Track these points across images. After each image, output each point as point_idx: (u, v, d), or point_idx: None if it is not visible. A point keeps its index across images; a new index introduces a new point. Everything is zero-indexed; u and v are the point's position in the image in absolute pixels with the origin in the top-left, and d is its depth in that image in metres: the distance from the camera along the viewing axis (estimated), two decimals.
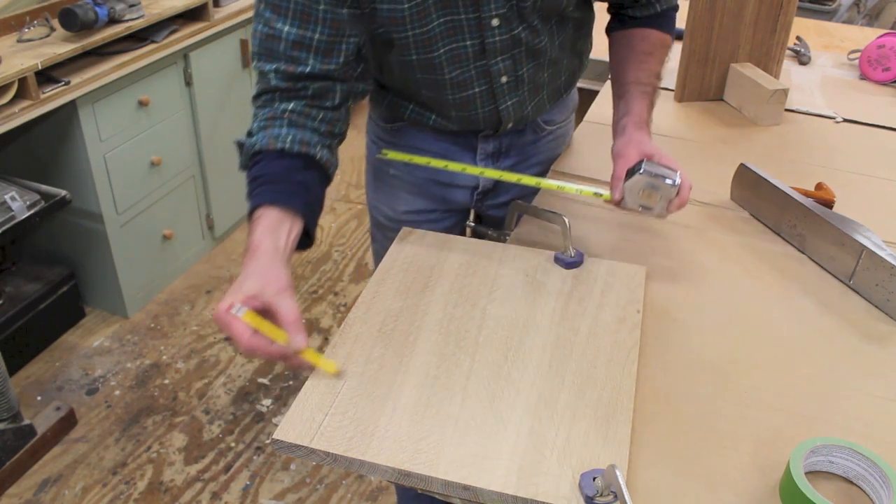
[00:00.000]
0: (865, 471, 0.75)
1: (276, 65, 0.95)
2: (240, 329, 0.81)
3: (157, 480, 1.91)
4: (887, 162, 1.40)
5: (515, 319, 0.94)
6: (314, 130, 0.97)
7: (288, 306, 0.84)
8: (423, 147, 1.21)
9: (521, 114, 1.16)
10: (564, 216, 1.04)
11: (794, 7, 1.55)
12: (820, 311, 1.01)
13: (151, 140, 2.33)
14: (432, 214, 1.30)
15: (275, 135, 0.94)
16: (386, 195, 1.32)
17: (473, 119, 1.15)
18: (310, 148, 0.95)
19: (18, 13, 2.05)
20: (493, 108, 1.13)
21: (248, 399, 2.16)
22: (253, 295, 0.84)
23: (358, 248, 2.83)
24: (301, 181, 0.93)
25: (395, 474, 0.75)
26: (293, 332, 0.82)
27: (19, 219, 1.76)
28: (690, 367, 0.90)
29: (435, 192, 1.28)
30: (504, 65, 1.08)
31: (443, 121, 1.16)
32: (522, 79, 1.11)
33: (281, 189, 0.92)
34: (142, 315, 2.47)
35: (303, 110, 0.96)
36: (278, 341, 0.82)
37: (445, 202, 1.29)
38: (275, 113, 0.96)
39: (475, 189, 1.28)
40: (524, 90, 1.13)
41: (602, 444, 0.77)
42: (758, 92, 1.51)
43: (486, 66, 1.07)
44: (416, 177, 1.26)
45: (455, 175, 1.23)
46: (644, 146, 1.03)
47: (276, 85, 0.96)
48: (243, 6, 2.55)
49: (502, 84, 1.10)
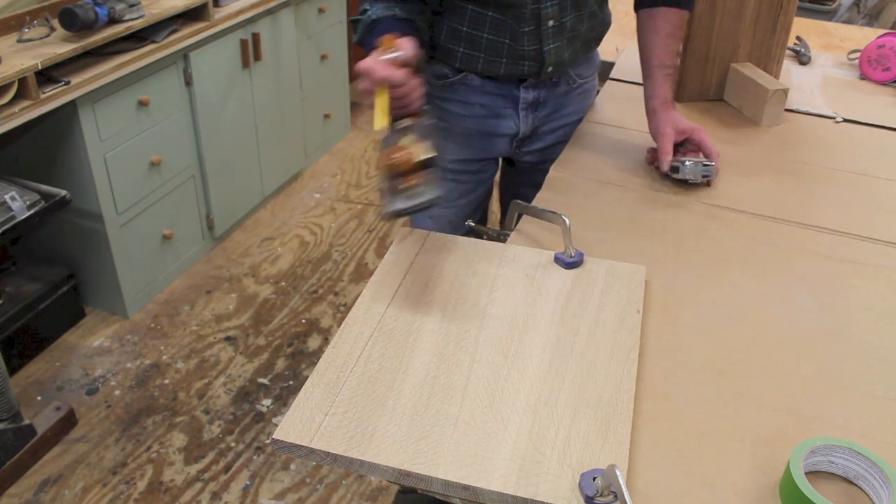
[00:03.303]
0: (865, 471, 0.75)
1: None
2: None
3: (157, 480, 1.91)
4: (887, 162, 1.40)
5: (515, 319, 0.94)
6: (413, 9, 1.20)
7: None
8: (471, 100, 1.38)
9: (560, 58, 1.32)
10: (564, 216, 1.04)
11: (794, 7, 1.55)
12: (820, 311, 1.01)
13: (151, 140, 2.33)
14: (475, 164, 1.47)
15: (385, 6, 1.18)
16: None
17: (520, 57, 1.30)
18: (413, 17, 1.19)
19: (18, 13, 2.05)
20: (538, 49, 1.29)
21: (248, 399, 2.16)
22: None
23: (358, 248, 2.83)
24: (412, 33, 1.13)
25: (395, 474, 0.75)
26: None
27: (19, 219, 1.76)
28: (690, 367, 0.90)
29: (479, 141, 1.43)
30: (552, 10, 1.25)
31: (493, 61, 1.31)
32: (565, 25, 1.28)
33: (401, 29, 1.12)
34: (142, 315, 2.47)
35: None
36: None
37: (488, 151, 1.46)
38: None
39: (515, 136, 1.43)
40: (565, 37, 1.29)
41: (602, 444, 0.77)
42: (758, 92, 1.51)
43: (538, 9, 1.24)
44: (464, 128, 1.41)
45: (499, 124, 1.41)
46: (678, 122, 1.30)
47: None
48: (243, 6, 2.55)
49: (549, 27, 1.26)
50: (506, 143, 1.45)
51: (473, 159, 1.46)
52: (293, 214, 3.03)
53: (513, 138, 1.44)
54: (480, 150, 1.45)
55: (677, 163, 1.26)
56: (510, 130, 1.42)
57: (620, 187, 1.28)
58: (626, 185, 1.29)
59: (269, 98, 2.87)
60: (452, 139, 1.42)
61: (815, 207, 1.24)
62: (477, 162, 1.47)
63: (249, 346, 2.36)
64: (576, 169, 1.33)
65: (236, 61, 2.64)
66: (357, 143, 3.53)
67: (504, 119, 1.40)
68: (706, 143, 1.29)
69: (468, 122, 1.40)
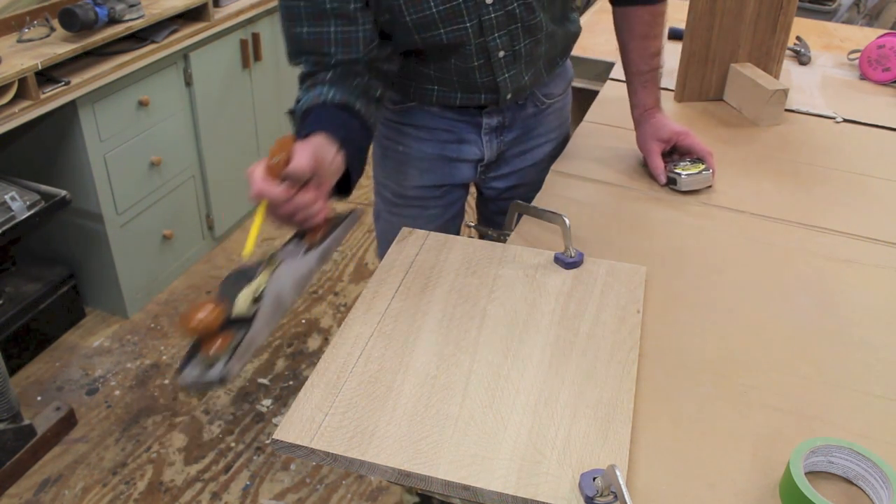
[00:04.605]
0: (865, 471, 0.75)
1: (304, 57, 1.05)
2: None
3: (157, 480, 1.91)
4: (887, 162, 1.40)
5: (515, 320, 0.94)
6: (353, 89, 1.03)
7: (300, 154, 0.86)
8: (430, 125, 1.29)
9: (519, 84, 1.22)
10: (564, 216, 1.04)
11: (794, 7, 1.55)
12: (820, 311, 1.01)
13: (151, 140, 2.33)
14: (438, 190, 1.37)
15: (317, 93, 1.01)
16: (394, 172, 1.37)
17: (474, 90, 1.21)
18: (349, 99, 1.01)
19: (18, 13, 2.05)
20: (492, 80, 1.19)
21: (248, 399, 2.16)
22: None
23: (358, 248, 2.83)
24: (343, 123, 0.99)
25: (395, 474, 0.75)
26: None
27: (19, 219, 1.76)
28: (690, 367, 0.90)
29: (442, 167, 1.34)
30: (501, 41, 1.14)
31: (446, 93, 1.22)
32: (520, 53, 1.17)
33: (326, 125, 0.95)
34: (142, 315, 2.47)
35: (338, 79, 1.03)
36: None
37: (451, 176, 1.36)
38: (315, 81, 1.03)
39: (479, 162, 1.34)
40: (521, 63, 1.19)
41: (602, 444, 0.77)
42: (758, 92, 1.51)
43: (484, 43, 1.13)
44: (424, 153, 1.32)
45: (461, 149, 1.32)
46: (660, 132, 1.27)
47: (310, 70, 1.05)
48: (243, 6, 2.55)
49: (500, 58, 1.16)
50: (470, 169, 1.35)
51: (435, 185, 1.36)
52: None
53: (477, 164, 1.35)
54: (443, 175, 1.35)
55: (674, 175, 1.25)
56: (474, 156, 1.33)
57: (620, 187, 1.28)
58: (626, 185, 1.29)
59: (269, 98, 2.87)
60: (412, 164, 1.34)
61: (814, 207, 1.24)
62: (439, 188, 1.37)
63: None
64: (576, 169, 1.33)
65: (236, 61, 2.64)
66: None
67: (467, 144, 1.31)
68: (696, 146, 1.26)
69: (428, 147, 1.31)
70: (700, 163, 1.26)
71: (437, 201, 1.38)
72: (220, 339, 0.76)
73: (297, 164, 0.85)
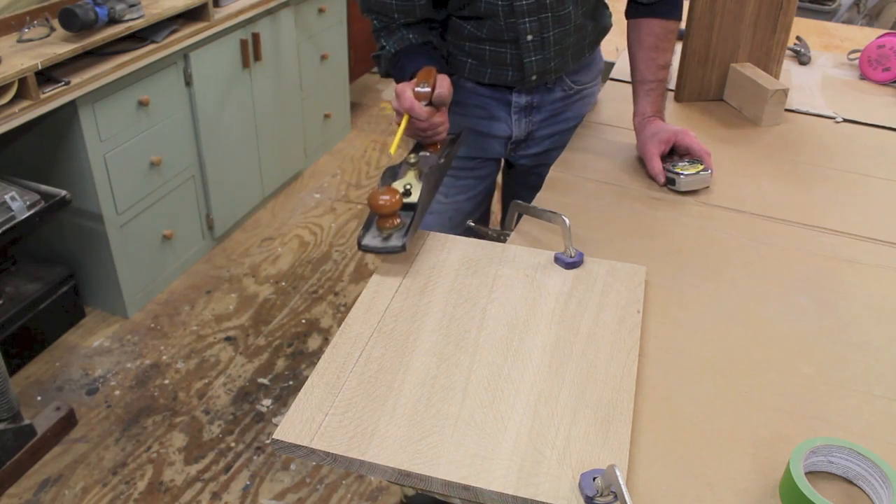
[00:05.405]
0: (865, 471, 0.75)
1: (374, 15, 1.25)
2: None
3: (157, 480, 1.91)
4: (887, 162, 1.40)
5: (515, 319, 0.94)
6: (426, 31, 1.26)
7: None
8: (463, 100, 1.39)
9: (544, 69, 1.32)
10: (564, 216, 1.04)
11: (794, 7, 1.55)
12: (820, 311, 1.01)
13: (151, 140, 2.33)
14: (471, 161, 1.47)
15: (399, 37, 1.24)
16: None
17: (502, 66, 1.32)
18: (429, 38, 1.25)
19: (18, 13, 2.05)
20: (518, 60, 1.30)
21: (248, 399, 2.16)
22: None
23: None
24: (436, 58, 1.23)
25: (395, 474, 0.75)
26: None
27: (19, 219, 1.76)
28: (690, 367, 0.90)
29: (475, 140, 1.44)
30: (531, 25, 1.24)
31: (478, 68, 1.34)
32: (548, 40, 1.27)
33: (427, 60, 1.18)
34: (142, 315, 2.47)
35: (411, 25, 1.25)
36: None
37: (483, 150, 1.46)
38: (390, 30, 1.25)
39: (508, 139, 1.44)
40: (550, 50, 1.29)
41: (602, 444, 0.77)
42: (758, 92, 1.51)
43: (514, 24, 1.24)
44: (459, 126, 1.37)
45: (492, 126, 1.42)
46: (658, 135, 1.28)
47: (382, 25, 1.25)
48: (243, 6, 2.55)
49: (528, 41, 1.26)
50: (500, 145, 1.46)
51: (469, 157, 1.46)
52: (293, 214, 3.03)
53: (507, 141, 1.45)
54: (477, 148, 1.45)
55: (673, 175, 1.25)
56: (503, 133, 1.43)
57: (620, 187, 1.28)
58: (626, 185, 1.29)
59: (269, 98, 2.87)
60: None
61: (814, 207, 1.24)
62: (473, 160, 1.47)
63: (249, 346, 2.36)
64: (576, 169, 1.33)
65: (236, 61, 2.64)
66: (357, 144, 3.53)
67: (497, 121, 1.42)
68: (693, 146, 1.27)
69: (463, 121, 1.41)
70: (699, 163, 1.26)
71: (469, 172, 1.48)
72: (395, 219, 1.01)
73: (445, 91, 1.09)
